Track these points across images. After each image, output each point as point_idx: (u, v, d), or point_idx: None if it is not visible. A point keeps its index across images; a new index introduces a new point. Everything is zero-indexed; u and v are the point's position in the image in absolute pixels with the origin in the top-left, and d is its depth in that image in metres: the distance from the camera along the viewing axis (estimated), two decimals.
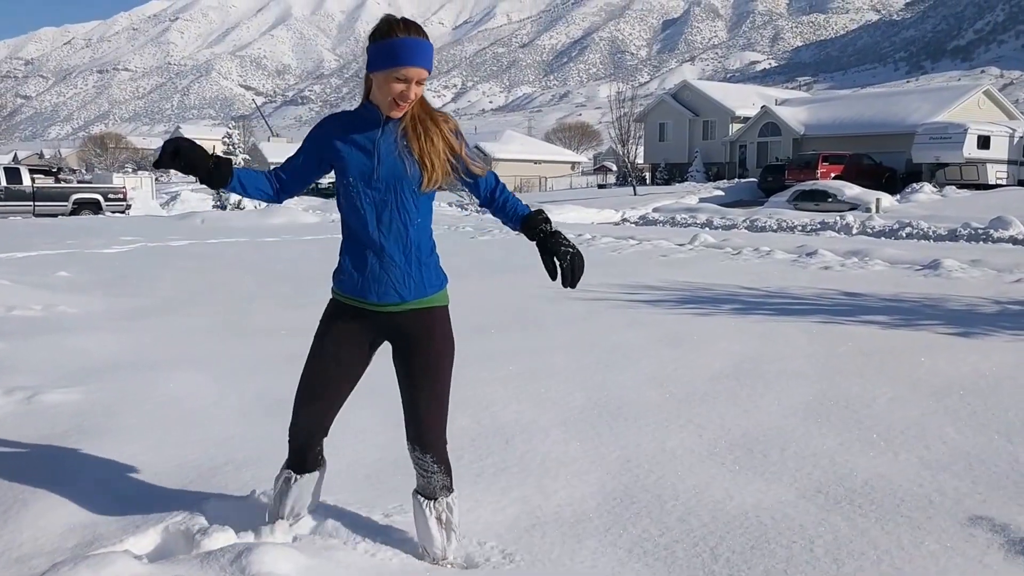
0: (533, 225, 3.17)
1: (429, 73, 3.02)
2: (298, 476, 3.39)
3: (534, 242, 3.20)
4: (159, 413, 5.37)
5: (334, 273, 3.23)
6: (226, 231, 23.98)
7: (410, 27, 2.98)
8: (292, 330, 8.44)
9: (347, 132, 3.08)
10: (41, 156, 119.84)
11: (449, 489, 3.28)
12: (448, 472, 3.28)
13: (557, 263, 3.13)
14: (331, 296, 3.28)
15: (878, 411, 5.50)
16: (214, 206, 37.70)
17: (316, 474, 3.44)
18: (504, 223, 3.28)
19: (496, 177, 3.25)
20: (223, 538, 3.36)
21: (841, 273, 13.25)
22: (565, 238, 3.16)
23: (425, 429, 3.19)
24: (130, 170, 71.30)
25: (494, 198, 3.23)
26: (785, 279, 12.39)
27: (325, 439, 3.41)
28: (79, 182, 37.96)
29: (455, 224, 27.47)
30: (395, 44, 2.91)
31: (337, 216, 3.28)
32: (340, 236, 3.23)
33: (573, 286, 3.11)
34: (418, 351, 3.16)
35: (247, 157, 41.22)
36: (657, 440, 5.00)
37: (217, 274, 13.67)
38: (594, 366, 6.82)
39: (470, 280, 12.25)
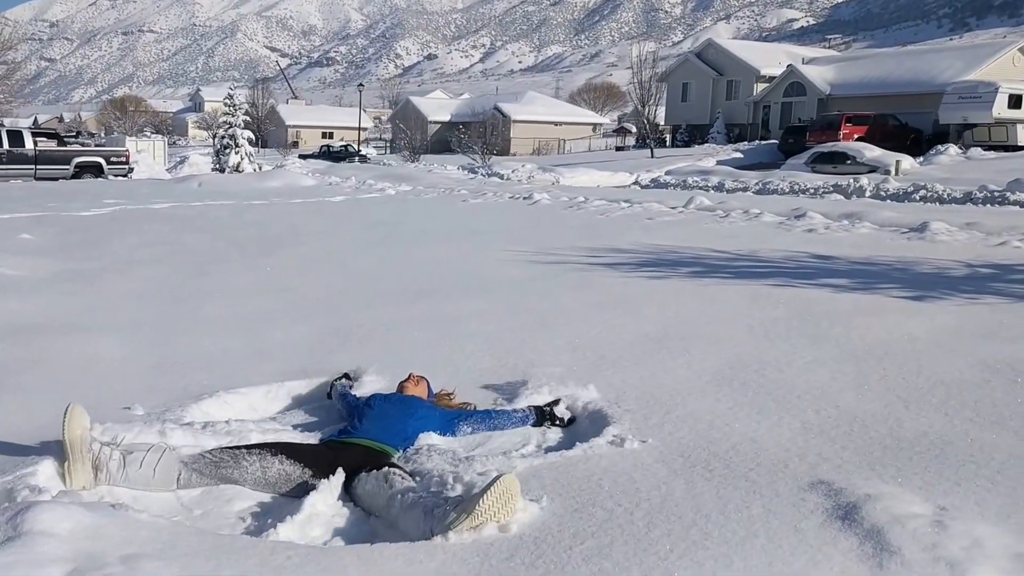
0: None
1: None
2: None
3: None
4: (50, 376, 5.35)
5: None
6: (220, 194, 23.90)
7: None
8: (232, 293, 8.45)
9: None
10: (61, 120, 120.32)
11: None
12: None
13: None
14: None
15: (788, 375, 5.38)
16: (213, 169, 37.57)
17: None
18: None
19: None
20: (32, 497, 3.32)
21: (823, 236, 13.03)
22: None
23: None
24: (148, 134, 71.36)
25: None
26: (762, 242, 12.20)
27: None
28: (96, 145, 37.96)
29: (452, 187, 27.28)
30: None
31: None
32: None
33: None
34: None
35: (247, 118, 40.88)
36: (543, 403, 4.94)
37: (182, 237, 13.68)
38: (519, 329, 6.74)
39: (437, 245, 12.24)
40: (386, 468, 3.71)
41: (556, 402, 4.76)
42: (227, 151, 37.16)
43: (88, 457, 3.54)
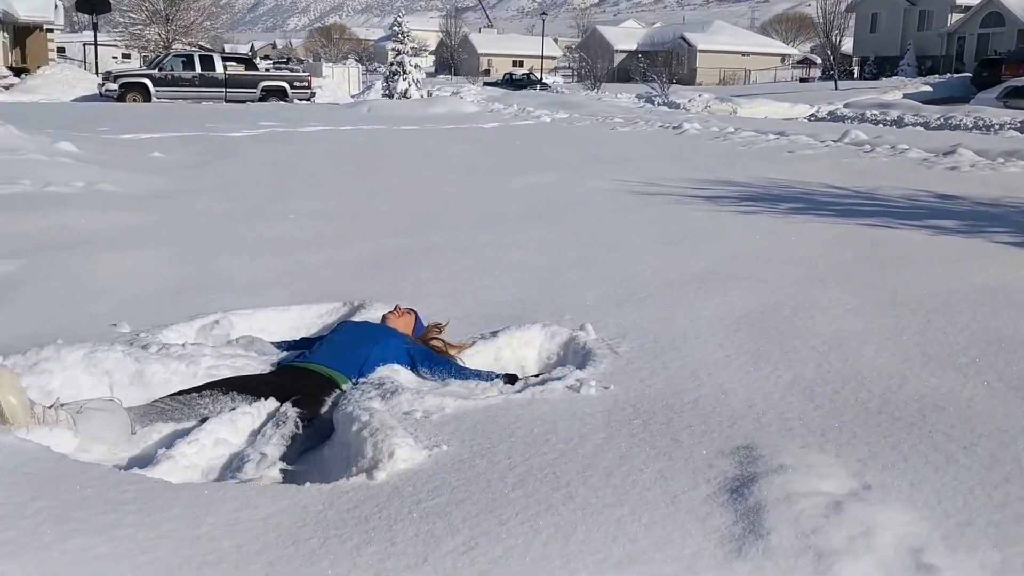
0: None
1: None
2: None
3: None
4: (53, 291, 5.39)
5: None
6: (379, 119, 24.11)
7: None
8: (306, 214, 8.47)
9: None
10: (274, 47, 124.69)
11: None
12: None
13: None
14: None
15: (817, 322, 4.89)
16: (383, 95, 38.26)
17: None
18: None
19: None
20: None
21: (964, 174, 11.93)
22: None
23: None
24: (353, 60, 73.34)
25: None
26: (891, 179, 11.29)
27: None
28: (304, 71, 39.59)
29: (611, 115, 26.63)
30: None
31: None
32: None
33: None
34: None
35: (417, 46, 41.36)
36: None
37: (300, 159, 13.85)
38: (563, 262, 6.45)
39: (541, 174, 11.99)
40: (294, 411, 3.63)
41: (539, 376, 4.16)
42: (395, 78, 37.67)
43: (32, 424, 3.23)
